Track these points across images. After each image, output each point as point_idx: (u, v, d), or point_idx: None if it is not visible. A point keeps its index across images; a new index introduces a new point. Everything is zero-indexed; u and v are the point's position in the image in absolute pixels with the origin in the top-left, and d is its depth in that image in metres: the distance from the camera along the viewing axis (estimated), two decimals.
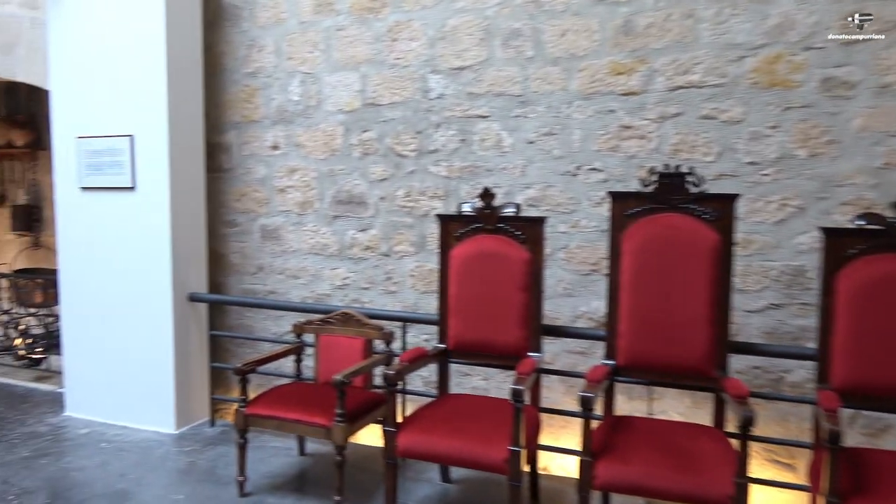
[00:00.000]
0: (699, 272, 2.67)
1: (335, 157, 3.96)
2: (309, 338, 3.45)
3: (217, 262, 4.32)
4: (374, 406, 3.12)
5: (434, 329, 3.43)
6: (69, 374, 4.17)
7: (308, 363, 3.53)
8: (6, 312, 4.97)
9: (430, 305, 3.76)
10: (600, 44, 3.34)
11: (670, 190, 2.72)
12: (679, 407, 3.35)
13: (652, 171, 2.73)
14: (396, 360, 3.22)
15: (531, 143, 3.52)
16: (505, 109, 3.55)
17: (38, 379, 4.88)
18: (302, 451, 3.59)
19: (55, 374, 4.84)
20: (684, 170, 2.70)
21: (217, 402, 4.08)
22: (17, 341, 4.91)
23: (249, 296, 4.27)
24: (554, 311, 3.47)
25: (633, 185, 3.26)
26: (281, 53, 4.04)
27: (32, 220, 6.23)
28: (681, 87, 3.22)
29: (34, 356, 4.86)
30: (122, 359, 3.94)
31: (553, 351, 3.49)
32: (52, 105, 4.05)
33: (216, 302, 4.08)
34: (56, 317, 5.12)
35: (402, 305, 3.88)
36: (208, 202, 4.15)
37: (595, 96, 3.38)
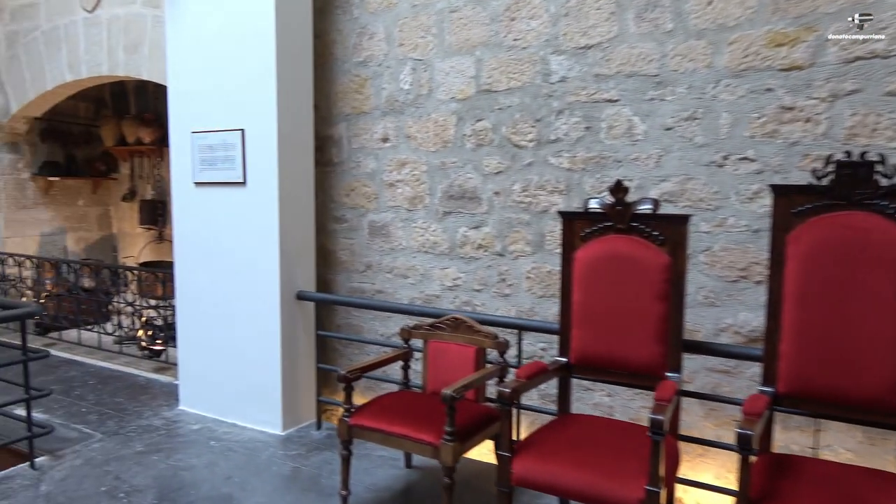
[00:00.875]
0: (890, 284, 2.15)
1: (447, 149, 3.70)
2: (417, 342, 3.21)
3: (325, 259, 4.19)
4: (487, 422, 2.83)
5: (552, 338, 3.09)
6: (183, 368, 4.20)
7: (416, 367, 3.29)
8: (131, 304, 5.14)
9: (549, 311, 3.42)
10: (756, 11, 2.84)
11: (853, 183, 2.21)
12: (848, 442, 2.81)
13: (829, 160, 2.24)
14: (512, 374, 2.91)
15: (669, 129, 3.07)
16: (638, 92, 3.13)
17: (158, 370, 5.00)
18: (409, 463, 3.36)
19: (173, 366, 4.94)
20: (873, 157, 2.18)
21: (323, 405, 3.95)
22: (140, 332, 5.07)
23: (357, 294, 4.11)
24: (693, 322, 3.02)
25: (796, 177, 2.75)
26: (392, 40, 3.83)
27: (157, 214, 6.47)
28: (860, 59, 2.67)
29: (155, 347, 4.99)
30: (231, 355, 3.90)
31: (690, 368, 3.04)
32: (170, 101, 4.07)
33: (323, 301, 3.95)
34: (174, 309, 5.24)
35: (516, 310, 3.56)
36: (317, 197, 4.03)
37: (748, 73, 2.88)
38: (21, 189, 6.35)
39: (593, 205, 2.66)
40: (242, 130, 3.72)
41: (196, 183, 3.97)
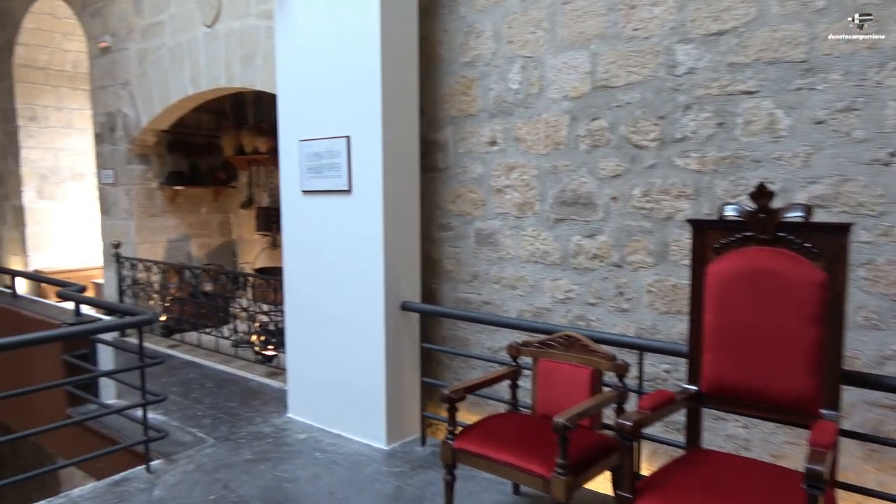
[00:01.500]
0: None
1: (558, 152, 3.44)
2: (527, 359, 2.98)
3: (430, 268, 4.06)
4: (604, 452, 2.55)
5: (678, 360, 2.77)
6: (291, 375, 4.21)
7: (525, 384, 3.07)
8: (245, 310, 5.27)
9: (673, 329, 3.08)
10: None
11: None
12: None
13: None
14: (633, 403, 2.63)
15: (820, 122, 2.66)
16: (781, 81, 2.74)
17: (270, 375, 5.08)
18: (517, 490, 3.14)
19: (284, 372, 5.00)
20: None
21: (428, 420, 3.81)
22: (253, 338, 5.18)
23: (463, 305, 3.94)
24: (851, 349, 2.59)
25: None
26: (500, 37, 3.62)
27: (272, 221, 6.64)
28: None
29: (267, 353, 5.09)
30: (337, 365, 3.85)
31: (847, 400, 2.60)
32: (279, 109, 4.09)
33: (428, 313, 3.81)
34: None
35: (635, 327, 3.24)
36: (422, 204, 3.90)
37: None
38: (150, 198, 6.73)
39: (730, 212, 2.33)
40: (348, 137, 3.65)
41: (303, 191, 3.96)
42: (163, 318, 6.16)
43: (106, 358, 4.31)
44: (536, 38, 3.47)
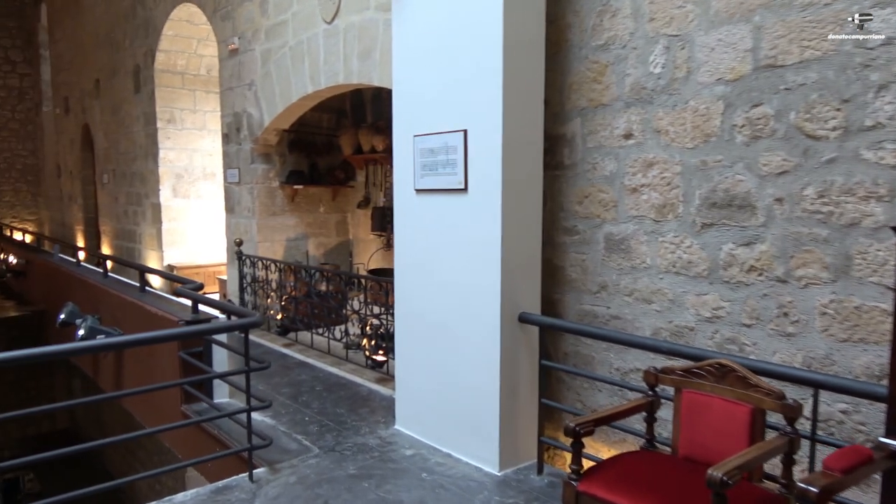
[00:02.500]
0: None
1: (709, 145, 2.94)
2: (666, 388, 2.52)
3: (552, 276, 3.66)
4: None
5: (857, 399, 2.22)
6: (400, 385, 3.96)
7: (664, 415, 2.62)
8: (356, 312, 5.12)
9: (854, 362, 2.50)
10: None
11: None
12: None
13: None
14: (803, 447, 2.12)
15: None
16: None
17: (380, 381, 4.89)
18: None
19: (394, 379, 4.80)
20: None
21: (546, 445, 3.41)
22: (364, 342, 5.02)
23: (588, 319, 3.51)
24: None
25: None
26: (640, 15, 3.17)
27: (387, 221, 6.50)
28: None
29: (377, 358, 4.90)
30: (447, 377, 3.56)
31: None
32: (394, 103, 3.86)
33: (549, 326, 3.41)
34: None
35: (803, 356, 2.68)
36: (545, 205, 3.52)
37: None
38: (272, 197, 6.81)
39: None
40: (465, 131, 3.34)
41: (417, 190, 3.69)
42: (279, 316, 6.17)
43: (220, 356, 4.28)
44: (685, 13, 2.99)
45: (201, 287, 4.29)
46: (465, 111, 3.35)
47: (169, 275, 4.81)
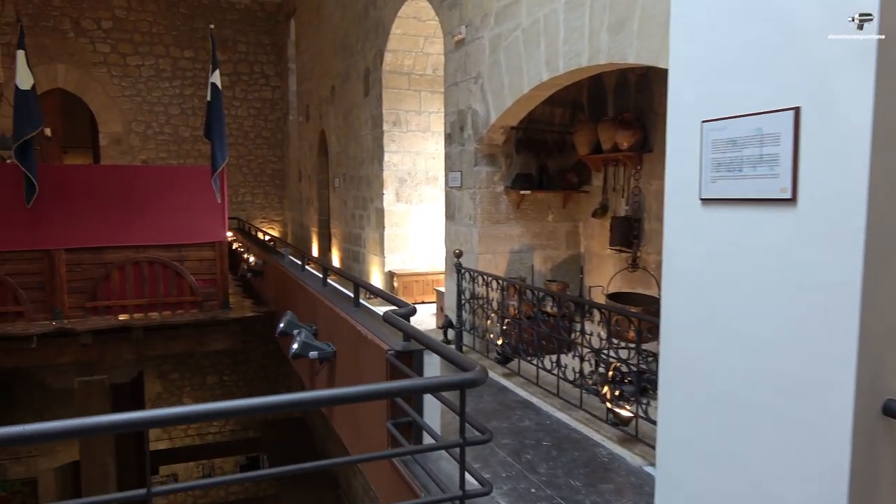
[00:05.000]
0: None
1: None
2: None
3: None
4: None
5: None
6: (664, 467, 2.86)
7: None
8: (593, 350, 4.08)
9: None
10: None
11: None
12: None
13: None
14: None
15: None
16: None
17: (624, 442, 3.82)
18: None
19: (644, 445, 3.69)
20: None
21: None
22: (605, 389, 3.97)
23: None
24: None
25: None
26: None
27: (632, 235, 5.37)
28: None
29: (621, 412, 3.83)
30: (749, 477, 2.38)
31: None
32: (670, 80, 2.77)
33: None
34: (649, 361, 3.99)
35: None
36: None
37: None
38: (495, 203, 6.05)
39: None
40: (796, 110, 2.15)
41: (703, 199, 2.57)
42: (499, 341, 5.37)
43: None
44: None
45: (413, 312, 3.60)
46: (796, 78, 2.16)
47: (384, 293, 4.23)
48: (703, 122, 2.55)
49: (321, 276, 6.24)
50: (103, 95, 14.97)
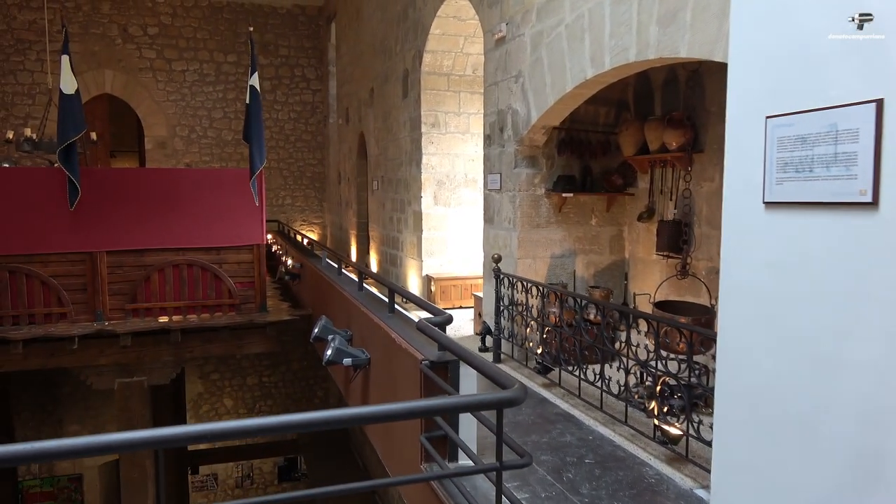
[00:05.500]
0: None
1: None
2: None
3: None
4: None
5: None
6: (719, 489, 2.62)
7: None
8: (639, 363, 3.83)
9: None
10: None
11: None
12: None
13: None
14: None
15: None
16: None
17: (673, 462, 3.57)
18: None
19: (696, 466, 3.44)
20: None
21: None
22: (652, 405, 3.73)
23: None
24: None
25: None
26: None
27: (681, 240, 5.09)
28: None
29: (670, 430, 3.58)
30: None
31: None
32: (730, 72, 2.53)
33: None
34: (700, 373, 3.73)
35: None
36: None
37: None
38: (535, 206, 5.84)
39: None
40: (878, 102, 1.91)
41: (767, 203, 2.33)
42: (538, 350, 5.16)
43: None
44: None
45: (449, 321, 3.43)
46: (878, 67, 1.92)
47: (419, 300, 4.07)
48: (768, 117, 2.32)
49: (357, 280, 6.12)
50: (149, 100, 15.26)
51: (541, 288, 5.09)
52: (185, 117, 15.56)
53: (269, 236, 13.48)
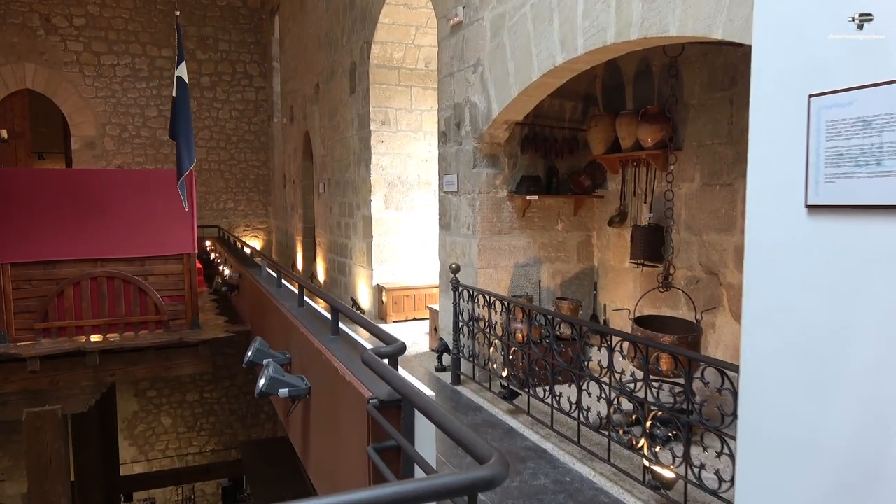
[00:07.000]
0: None
1: None
2: None
3: None
4: None
5: None
6: None
7: None
8: (626, 392, 3.29)
9: None
10: None
11: None
12: None
13: None
14: None
15: None
16: None
17: None
18: None
19: None
20: None
21: None
22: (641, 442, 3.19)
23: None
24: None
25: None
26: None
27: (660, 247, 4.60)
28: None
29: (663, 472, 3.05)
30: None
31: None
32: (756, 45, 2.00)
33: None
34: (699, 405, 3.21)
35: None
36: None
37: None
38: (497, 210, 5.27)
39: None
40: None
41: (811, 207, 1.80)
42: (503, 372, 4.58)
43: (424, 434, 2.78)
44: None
45: (402, 350, 2.81)
46: None
47: (369, 324, 3.43)
48: (812, 96, 1.80)
49: (297, 293, 5.43)
50: (75, 96, 14.12)
51: (505, 303, 4.52)
52: (116, 115, 14.47)
53: (208, 243, 12.57)
